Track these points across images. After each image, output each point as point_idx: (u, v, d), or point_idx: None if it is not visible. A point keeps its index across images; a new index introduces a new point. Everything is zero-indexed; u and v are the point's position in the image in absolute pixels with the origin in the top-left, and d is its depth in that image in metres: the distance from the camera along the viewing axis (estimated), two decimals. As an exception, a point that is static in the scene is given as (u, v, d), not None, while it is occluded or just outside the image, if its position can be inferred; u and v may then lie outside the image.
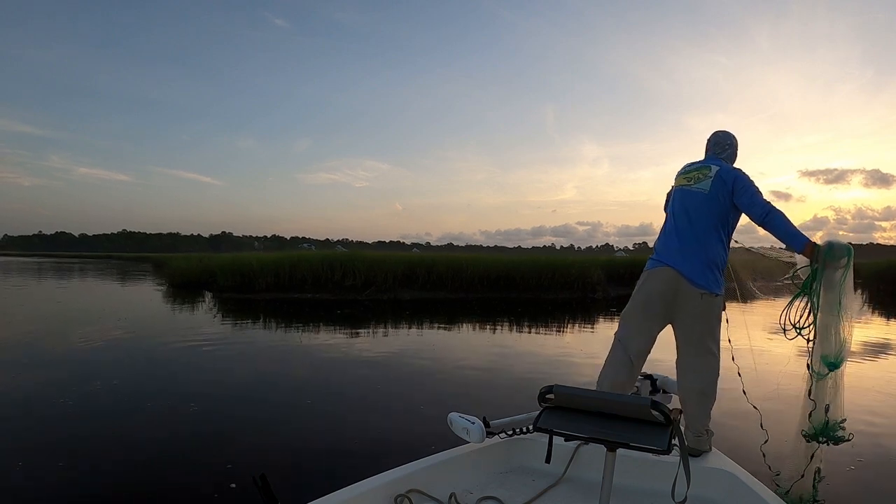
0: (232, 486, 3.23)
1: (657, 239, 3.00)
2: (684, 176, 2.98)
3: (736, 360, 3.19)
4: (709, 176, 2.86)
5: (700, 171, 2.92)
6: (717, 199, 2.80)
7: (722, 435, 3.52)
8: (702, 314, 2.74)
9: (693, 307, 2.74)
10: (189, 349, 7.79)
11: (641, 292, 2.88)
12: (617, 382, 2.79)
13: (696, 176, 2.91)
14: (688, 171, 2.99)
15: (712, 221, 2.80)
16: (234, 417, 4.63)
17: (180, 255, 35.01)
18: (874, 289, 21.15)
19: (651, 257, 2.94)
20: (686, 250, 2.78)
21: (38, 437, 4.08)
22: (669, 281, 2.77)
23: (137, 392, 5.35)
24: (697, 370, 2.78)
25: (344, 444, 3.95)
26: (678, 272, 2.75)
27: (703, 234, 2.79)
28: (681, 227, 2.85)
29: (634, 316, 2.88)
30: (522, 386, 5.76)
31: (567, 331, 10.68)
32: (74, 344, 7.98)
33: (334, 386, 5.78)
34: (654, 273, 2.85)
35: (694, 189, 2.88)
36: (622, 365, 2.83)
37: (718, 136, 3.11)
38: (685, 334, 2.80)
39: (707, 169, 2.89)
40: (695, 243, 2.78)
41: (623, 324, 2.92)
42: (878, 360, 7.89)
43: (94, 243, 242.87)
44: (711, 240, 2.79)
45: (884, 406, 5.33)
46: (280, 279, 17.06)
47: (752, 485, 2.16)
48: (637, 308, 2.88)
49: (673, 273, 2.77)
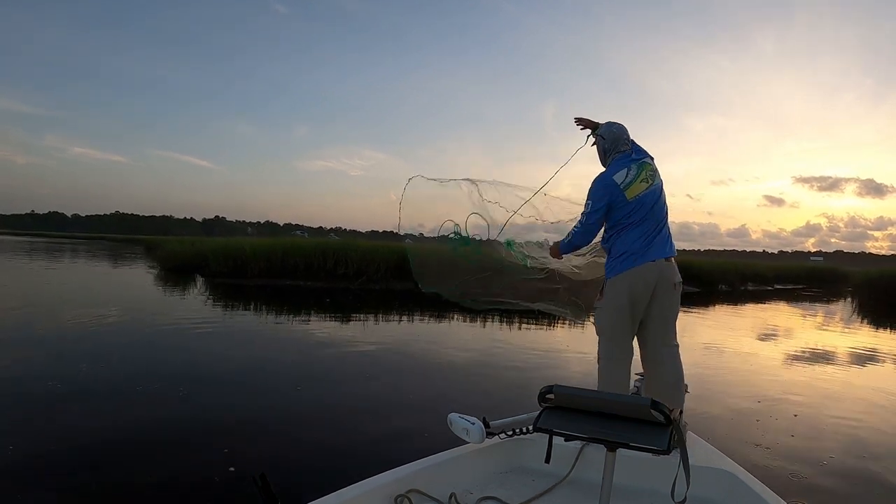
0: (231, 470, 3.22)
1: (620, 241, 2.93)
2: (640, 180, 2.93)
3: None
4: (655, 170, 3.01)
5: (646, 168, 2.98)
6: (663, 189, 3.03)
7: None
8: (675, 303, 2.94)
9: (671, 297, 2.91)
10: (180, 332, 7.74)
11: (624, 295, 2.88)
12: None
13: (647, 176, 2.96)
14: (639, 173, 2.94)
15: (666, 209, 3.03)
16: (222, 404, 4.60)
17: (173, 238, 34.80)
18: (865, 298, 21.28)
19: (618, 260, 2.92)
20: (663, 243, 2.93)
21: (22, 419, 4.03)
22: (653, 274, 2.86)
23: (126, 375, 5.28)
24: (674, 357, 2.92)
25: (332, 430, 3.92)
26: (659, 262, 2.88)
27: (666, 226, 3.00)
28: (653, 226, 2.93)
29: (623, 323, 2.91)
30: (513, 378, 5.75)
31: (561, 325, 10.68)
32: (65, 328, 7.91)
33: (318, 371, 5.75)
34: (636, 271, 2.86)
35: (654, 187, 2.96)
36: (626, 381, 2.94)
37: (622, 129, 3.11)
38: (663, 325, 2.92)
39: (648, 165, 3.00)
40: (665, 236, 2.96)
41: (615, 340, 2.93)
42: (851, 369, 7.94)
43: (86, 224, 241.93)
44: (669, 228, 3.01)
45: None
46: (272, 265, 17.01)
47: (752, 485, 2.15)
48: (624, 314, 2.89)
49: (654, 265, 2.86)
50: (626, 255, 2.90)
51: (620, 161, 2.99)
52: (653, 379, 2.98)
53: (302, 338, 8.00)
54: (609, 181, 2.93)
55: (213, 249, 18.19)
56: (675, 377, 2.90)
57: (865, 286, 21.80)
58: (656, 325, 2.92)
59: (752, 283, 29.87)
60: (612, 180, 2.92)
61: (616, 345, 2.92)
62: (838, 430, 4.68)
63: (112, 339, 7.14)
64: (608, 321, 2.94)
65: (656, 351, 2.94)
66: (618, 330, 2.91)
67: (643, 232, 2.90)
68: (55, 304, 10.16)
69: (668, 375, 2.90)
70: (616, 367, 2.92)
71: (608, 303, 2.94)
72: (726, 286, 26.17)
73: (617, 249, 2.94)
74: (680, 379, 2.91)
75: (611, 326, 2.93)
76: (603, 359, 2.96)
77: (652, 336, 2.93)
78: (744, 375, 6.77)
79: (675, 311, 2.97)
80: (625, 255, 2.90)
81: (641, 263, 2.86)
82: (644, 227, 2.91)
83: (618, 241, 2.93)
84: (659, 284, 2.87)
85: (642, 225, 2.91)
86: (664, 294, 2.89)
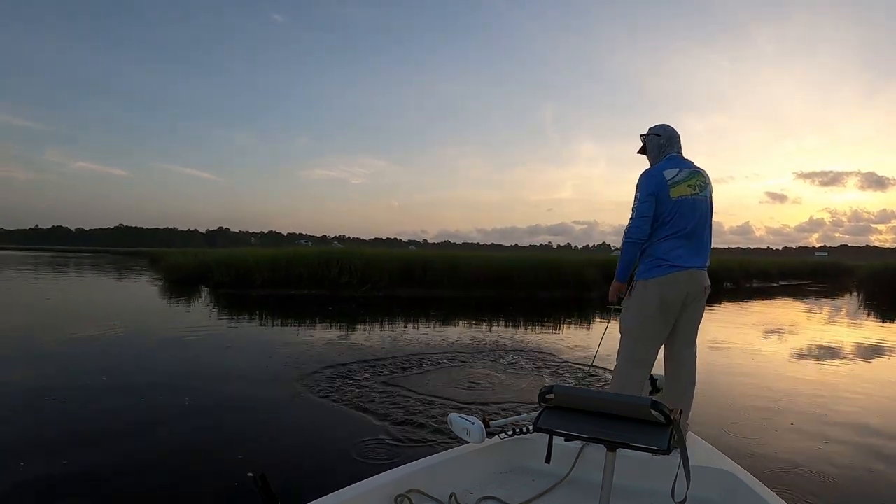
0: (234, 473, 3.24)
1: (657, 245, 2.91)
2: (687, 184, 2.92)
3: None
4: (707, 184, 3.00)
5: (697, 177, 2.96)
6: (712, 205, 3.04)
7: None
8: (702, 308, 3.00)
9: (701, 302, 2.95)
10: (185, 343, 7.78)
11: (656, 300, 2.85)
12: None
13: (697, 184, 2.95)
14: (689, 178, 2.94)
15: (710, 224, 3.03)
16: (230, 409, 4.63)
17: (177, 250, 34.85)
18: (870, 291, 21.18)
19: (653, 263, 2.90)
20: (700, 254, 2.94)
21: (28, 433, 4.06)
22: (687, 282, 2.86)
23: (131, 387, 5.33)
24: (692, 360, 2.99)
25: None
26: (693, 271, 2.88)
27: (708, 237, 3.01)
28: (692, 235, 2.90)
29: (654, 327, 2.89)
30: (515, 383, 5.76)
31: (563, 329, 10.67)
32: (73, 341, 7.95)
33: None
34: (672, 278, 2.85)
35: (699, 197, 2.94)
36: (641, 386, 2.95)
37: (676, 133, 3.11)
38: (689, 329, 2.96)
39: (701, 176, 2.98)
40: (704, 247, 2.97)
41: (640, 342, 2.91)
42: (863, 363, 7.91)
43: (90, 238, 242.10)
44: (710, 242, 3.03)
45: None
46: (276, 275, 17.02)
47: (752, 485, 2.15)
48: (656, 319, 2.87)
49: (688, 274, 2.86)
50: (662, 261, 2.87)
51: (672, 160, 3.01)
52: (673, 378, 3.00)
53: (303, 346, 8.01)
54: (658, 175, 2.93)
55: (217, 260, 18.18)
56: (692, 377, 3.00)
57: (870, 280, 21.75)
58: (684, 329, 2.95)
59: (758, 280, 29.69)
60: (661, 174, 2.92)
61: (640, 347, 2.91)
62: (842, 429, 4.65)
63: (120, 350, 7.19)
64: (636, 322, 2.92)
65: (680, 352, 2.98)
66: (646, 333, 2.89)
67: (683, 240, 2.88)
68: (63, 320, 10.21)
69: (688, 375, 2.98)
70: (635, 369, 2.90)
71: (638, 304, 2.91)
72: (731, 284, 26.05)
73: (654, 252, 2.90)
74: (694, 379, 3.01)
75: (639, 328, 2.91)
76: (622, 359, 2.95)
77: (679, 338, 2.96)
78: (746, 374, 6.76)
79: (701, 314, 3.02)
80: (661, 261, 2.88)
81: (677, 271, 2.85)
82: (684, 235, 2.88)
83: (657, 245, 2.90)
84: (691, 292, 2.88)
85: (682, 232, 2.88)
86: (696, 301, 2.92)
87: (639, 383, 2.91)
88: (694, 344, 3.00)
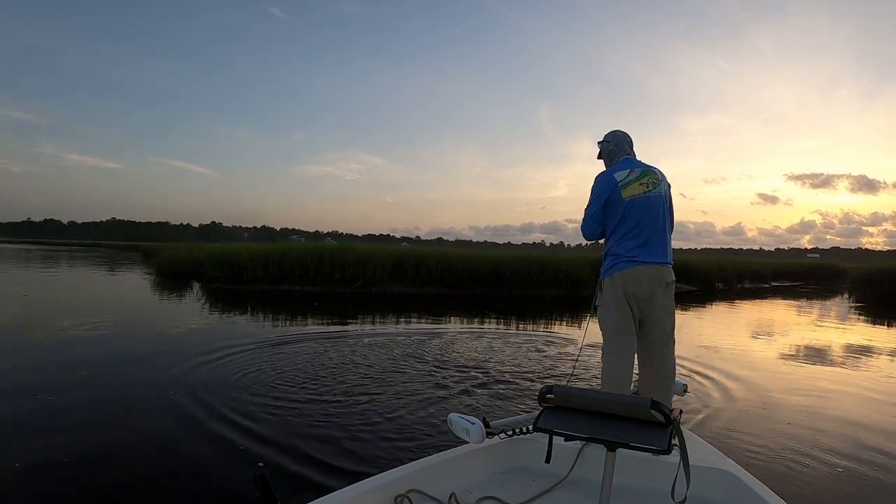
0: (234, 471, 3.20)
1: (617, 244, 3.06)
2: (639, 182, 3.06)
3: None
4: (660, 181, 3.12)
5: (650, 175, 3.10)
6: (669, 200, 3.15)
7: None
8: (670, 302, 3.05)
9: (666, 296, 3.02)
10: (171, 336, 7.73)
11: (620, 294, 2.99)
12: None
13: (649, 182, 3.08)
14: (640, 177, 3.08)
15: (668, 219, 3.13)
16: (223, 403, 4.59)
17: (170, 244, 34.71)
18: (861, 294, 21.32)
19: (613, 260, 3.05)
20: (659, 249, 3.03)
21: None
22: (649, 277, 2.97)
23: (118, 383, 5.29)
24: (668, 356, 3.06)
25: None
26: (654, 265, 2.98)
27: (667, 232, 3.10)
28: (648, 231, 3.02)
29: (623, 321, 3.01)
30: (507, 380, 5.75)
31: (554, 327, 10.68)
32: (63, 335, 7.89)
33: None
34: (630, 273, 2.97)
35: (653, 194, 3.05)
36: (628, 377, 3.00)
37: (627, 137, 3.27)
38: (663, 324, 3.02)
39: (654, 174, 3.11)
40: (662, 243, 3.06)
41: (616, 337, 3.02)
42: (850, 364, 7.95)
43: (83, 231, 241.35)
44: (669, 236, 3.13)
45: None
46: (269, 270, 16.99)
47: (752, 485, 2.15)
48: (623, 312, 3.00)
49: (649, 268, 2.97)
50: (622, 257, 3.01)
51: (624, 163, 3.17)
52: (645, 376, 3.10)
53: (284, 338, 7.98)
54: (609, 178, 3.12)
55: (210, 255, 18.13)
56: (668, 375, 3.05)
57: (862, 282, 21.86)
58: (658, 325, 3.02)
59: (750, 281, 29.86)
60: (612, 177, 3.10)
61: (617, 341, 3.02)
62: (840, 429, 4.66)
63: (108, 346, 7.15)
64: (609, 317, 3.05)
65: (651, 350, 3.06)
66: (621, 326, 3.01)
67: (640, 237, 3.01)
68: (56, 314, 10.14)
69: (662, 372, 3.04)
70: (618, 362, 3.01)
71: (606, 300, 3.06)
72: (723, 284, 26.18)
73: (615, 250, 3.05)
74: (671, 377, 3.07)
75: (611, 324, 3.04)
76: (606, 355, 3.06)
77: (656, 335, 3.04)
78: (743, 374, 6.76)
79: (670, 310, 3.07)
80: (621, 257, 3.01)
81: (636, 265, 2.97)
82: (640, 232, 3.01)
83: (617, 245, 3.05)
84: (655, 285, 2.98)
85: (637, 229, 3.01)
86: (661, 294, 3.00)
87: (625, 375, 2.99)
88: (672, 340, 3.06)
